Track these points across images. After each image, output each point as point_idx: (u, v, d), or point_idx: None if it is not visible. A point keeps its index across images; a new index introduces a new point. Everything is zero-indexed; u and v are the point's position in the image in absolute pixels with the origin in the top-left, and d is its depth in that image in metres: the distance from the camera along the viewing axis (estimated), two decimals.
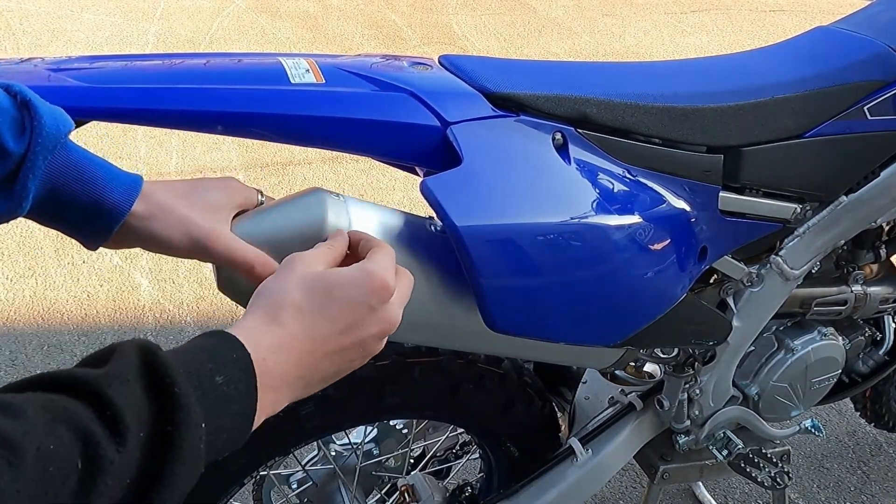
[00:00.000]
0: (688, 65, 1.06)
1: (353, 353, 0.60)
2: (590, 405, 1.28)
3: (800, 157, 1.02)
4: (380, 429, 1.26)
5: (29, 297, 2.26)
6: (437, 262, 0.81)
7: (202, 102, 0.71)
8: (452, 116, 0.80)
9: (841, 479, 1.86)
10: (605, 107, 0.89)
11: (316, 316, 0.58)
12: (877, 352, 1.38)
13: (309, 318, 0.57)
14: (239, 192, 0.73)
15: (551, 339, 0.89)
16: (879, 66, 1.04)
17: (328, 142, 0.77)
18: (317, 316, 0.58)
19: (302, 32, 4.14)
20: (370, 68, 0.82)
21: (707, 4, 4.95)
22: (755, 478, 1.26)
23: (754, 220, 1.02)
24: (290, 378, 0.56)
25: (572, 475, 1.18)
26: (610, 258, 0.86)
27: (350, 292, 0.59)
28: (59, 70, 0.69)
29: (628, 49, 4.22)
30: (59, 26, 3.94)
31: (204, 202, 0.69)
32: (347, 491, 1.25)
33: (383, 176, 2.89)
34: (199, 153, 2.99)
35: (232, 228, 0.71)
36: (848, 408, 2.02)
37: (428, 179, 0.76)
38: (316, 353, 0.57)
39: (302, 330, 0.57)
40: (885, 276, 1.28)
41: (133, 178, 0.66)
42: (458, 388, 1.06)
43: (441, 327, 0.87)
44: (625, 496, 1.77)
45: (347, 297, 0.59)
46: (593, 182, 0.86)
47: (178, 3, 4.34)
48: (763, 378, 1.21)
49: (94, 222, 0.65)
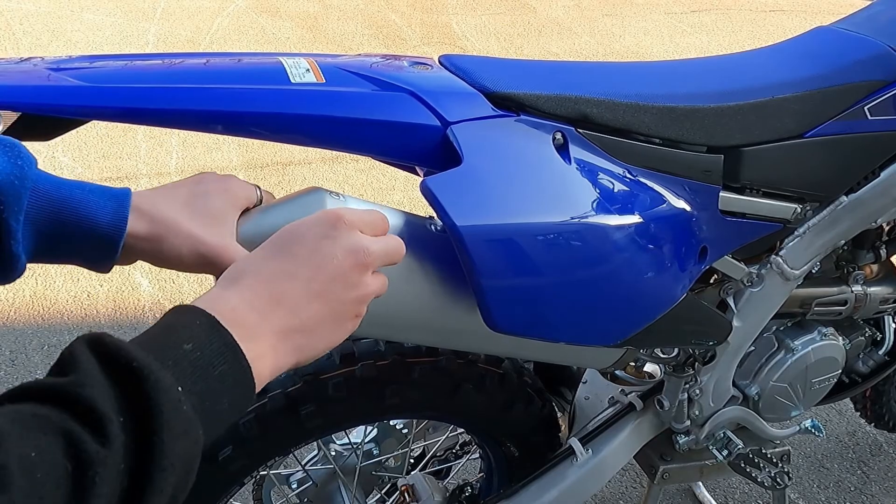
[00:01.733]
0: (688, 65, 1.06)
1: (337, 290, 0.58)
2: (590, 405, 1.28)
3: (800, 157, 1.02)
4: (380, 429, 1.26)
5: (29, 297, 2.26)
6: (437, 262, 0.81)
7: (202, 102, 0.71)
8: (453, 116, 0.80)
9: (841, 479, 1.86)
10: (605, 107, 0.89)
11: (276, 258, 0.57)
12: (877, 352, 1.38)
13: (273, 263, 0.57)
14: (239, 192, 0.72)
15: (551, 339, 0.89)
16: (879, 66, 1.04)
17: (328, 142, 0.77)
18: (277, 257, 0.57)
19: (302, 32, 4.14)
20: (370, 68, 0.82)
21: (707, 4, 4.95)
22: (755, 478, 1.26)
23: (754, 220, 1.02)
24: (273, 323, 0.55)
25: (572, 475, 1.18)
26: (610, 258, 0.86)
27: (307, 230, 0.59)
28: (59, 70, 0.69)
29: (628, 49, 4.22)
30: (59, 26, 3.94)
31: (207, 211, 0.69)
32: (347, 491, 1.25)
33: (383, 176, 2.89)
34: (199, 153, 2.99)
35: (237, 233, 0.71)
36: (848, 408, 2.02)
37: (428, 179, 0.76)
38: (293, 293, 0.56)
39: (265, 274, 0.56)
40: (885, 276, 1.28)
41: (118, 194, 0.65)
42: (458, 388, 1.06)
43: (441, 327, 0.87)
44: (625, 496, 1.77)
45: (306, 235, 0.58)
46: (593, 182, 0.86)
47: (178, 3, 4.34)
48: (763, 378, 1.21)
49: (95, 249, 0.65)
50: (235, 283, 0.56)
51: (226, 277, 0.57)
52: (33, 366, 2.02)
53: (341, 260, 0.58)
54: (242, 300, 0.54)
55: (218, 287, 0.56)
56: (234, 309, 0.53)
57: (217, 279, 0.71)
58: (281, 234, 0.60)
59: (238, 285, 0.56)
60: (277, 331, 0.55)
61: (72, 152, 2.91)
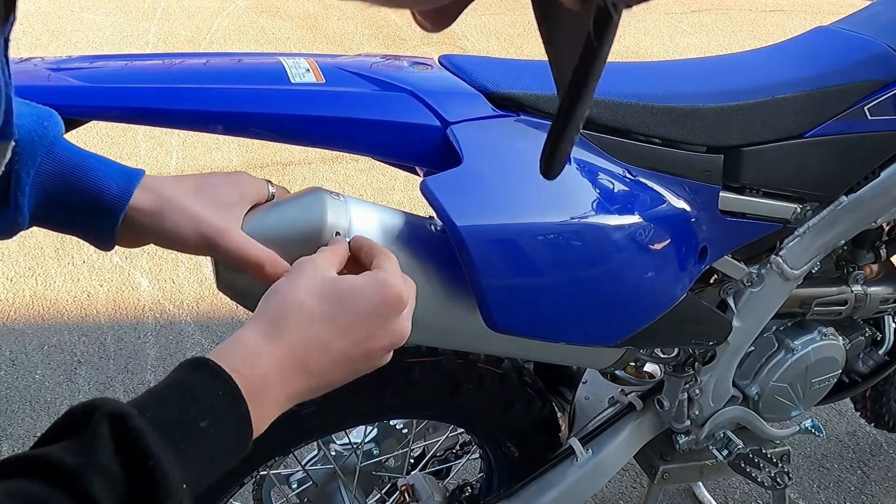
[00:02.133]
0: (688, 65, 1.06)
1: (360, 363, 0.60)
2: (590, 405, 1.28)
3: (800, 157, 1.02)
4: (380, 429, 1.26)
5: (29, 297, 2.26)
6: (438, 262, 0.81)
7: (202, 102, 0.71)
8: (452, 116, 0.80)
9: (841, 479, 1.86)
10: (605, 107, 0.89)
11: (326, 324, 0.57)
12: (877, 352, 1.38)
13: (319, 326, 0.57)
14: (250, 186, 0.72)
15: (551, 339, 0.89)
16: (879, 66, 1.04)
17: (328, 142, 0.77)
18: (327, 324, 0.57)
19: (302, 32, 4.14)
20: (370, 68, 0.82)
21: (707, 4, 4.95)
22: (755, 478, 1.26)
23: (754, 220, 1.02)
24: (293, 390, 0.56)
25: (572, 475, 1.18)
26: (610, 258, 0.86)
27: (364, 303, 0.58)
28: (59, 70, 0.69)
29: (628, 49, 4.21)
30: (59, 26, 3.94)
31: (214, 198, 0.68)
32: (347, 491, 1.25)
33: (383, 176, 2.89)
34: (199, 153, 2.99)
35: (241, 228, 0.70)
36: (848, 408, 2.02)
37: (428, 179, 0.76)
38: (322, 362, 0.57)
39: (310, 337, 0.56)
40: (885, 276, 1.28)
41: (131, 170, 0.65)
42: (458, 388, 1.06)
43: (441, 327, 0.87)
44: (625, 496, 1.77)
45: (361, 308, 0.58)
46: (593, 182, 0.86)
47: (178, 3, 4.34)
48: (763, 378, 1.21)
49: (98, 219, 0.64)
50: (277, 338, 0.55)
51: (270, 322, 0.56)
52: (33, 366, 2.02)
53: (383, 344, 0.60)
54: (275, 364, 0.54)
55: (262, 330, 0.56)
56: (265, 376, 0.54)
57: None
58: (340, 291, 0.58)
59: (278, 342, 0.55)
60: (290, 393, 0.56)
61: None
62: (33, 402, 1.91)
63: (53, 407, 1.90)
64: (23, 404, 1.90)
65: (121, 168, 0.65)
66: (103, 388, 1.96)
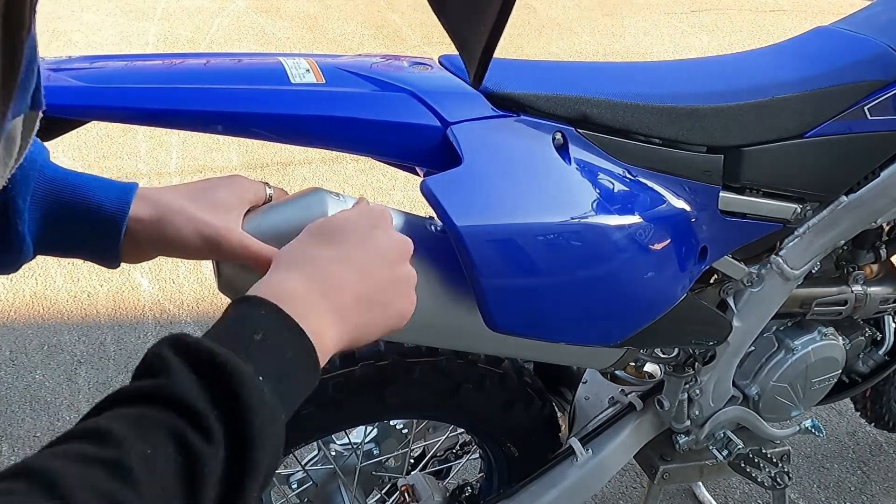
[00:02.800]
0: (688, 65, 1.06)
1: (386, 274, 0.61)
2: (590, 405, 1.28)
3: (800, 157, 1.02)
4: (380, 429, 1.26)
5: (29, 297, 2.26)
6: (437, 262, 0.81)
7: (202, 102, 0.71)
8: (453, 116, 0.80)
9: (841, 479, 1.86)
10: (605, 107, 0.89)
11: (328, 245, 0.61)
12: (877, 352, 1.38)
13: (324, 249, 0.60)
14: (247, 188, 0.72)
15: (551, 339, 0.89)
16: (879, 66, 1.04)
17: (328, 142, 0.77)
18: (329, 244, 0.61)
19: (302, 32, 4.14)
20: (370, 68, 0.82)
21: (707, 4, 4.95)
22: (755, 478, 1.26)
23: (754, 220, 1.02)
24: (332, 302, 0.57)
25: (572, 475, 1.18)
26: (610, 258, 0.86)
27: (353, 217, 0.63)
28: (59, 70, 0.69)
29: (628, 49, 4.21)
30: (59, 26, 3.94)
31: (212, 201, 0.69)
32: (347, 491, 1.25)
33: (383, 176, 2.89)
34: (199, 153, 2.99)
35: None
36: (848, 408, 2.02)
37: (428, 179, 0.76)
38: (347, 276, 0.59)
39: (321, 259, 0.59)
40: (885, 276, 1.28)
41: (125, 183, 0.66)
42: (458, 388, 1.06)
43: (441, 327, 0.87)
44: (625, 496, 1.77)
45: (352, 221, 0.62)
46: (593, 182, 0.86)
47: (178, 3, 4.34)
48: (763, 378, 1.21)
49: (100, 236, 0.65)
50: (292, 268, 0.59)
51: (281, 264, 0.60)
52: (33, 366, 2.02)
53: (390, 249, 0.63)
54: (302, 284, 0.57)
55: (274, 273, 0.59)
56: (295, 292, 0.56)
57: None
58: (327, 223, 0.63)
59: (296, 270, 0.58)
60: (336, 308, 0.58)
61: (72, 152, 2.91)
62: (33, 402, 1.91)
63: (53, 407, 1.90)
64: (23, 404, 1.90)
65: (114, 183, 0.66)
66: (103, 388, 1.96)
